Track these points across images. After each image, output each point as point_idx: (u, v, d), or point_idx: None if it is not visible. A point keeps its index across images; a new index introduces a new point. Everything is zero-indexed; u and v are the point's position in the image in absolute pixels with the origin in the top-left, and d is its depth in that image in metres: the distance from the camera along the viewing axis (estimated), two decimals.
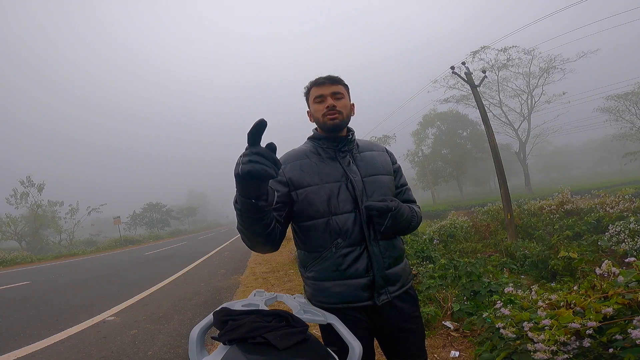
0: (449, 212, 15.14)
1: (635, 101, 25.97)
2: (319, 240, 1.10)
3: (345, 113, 1.15)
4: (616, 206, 7.82)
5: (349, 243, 1.09)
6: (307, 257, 1.14)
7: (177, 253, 12.97)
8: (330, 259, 1.09)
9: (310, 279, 1.14)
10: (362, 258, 1.09)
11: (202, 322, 0.78)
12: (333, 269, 1.09)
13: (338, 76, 1.17)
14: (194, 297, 4.77)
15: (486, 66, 24.49)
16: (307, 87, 1.20)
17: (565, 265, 4.61)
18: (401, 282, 1.15)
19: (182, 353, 2.78)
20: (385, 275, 1.10)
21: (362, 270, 1.08)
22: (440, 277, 3.54)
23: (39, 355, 2.99)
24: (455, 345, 2.47)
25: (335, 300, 1.09)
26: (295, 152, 1.20)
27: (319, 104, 1.15)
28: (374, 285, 1.09)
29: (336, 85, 1.15)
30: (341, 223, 1.08)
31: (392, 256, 1.13)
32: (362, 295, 1.09)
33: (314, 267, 1.12)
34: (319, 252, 1.11)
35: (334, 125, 1.13)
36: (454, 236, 8.81)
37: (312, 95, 1.17)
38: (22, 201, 27.54)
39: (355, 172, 1.14)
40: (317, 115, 1.16)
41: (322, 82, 1.15)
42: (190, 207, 64.36)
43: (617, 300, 1.47)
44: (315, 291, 1.13)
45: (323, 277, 1.11)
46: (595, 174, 52.33)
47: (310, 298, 1.15)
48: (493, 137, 8.75)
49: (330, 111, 1.12)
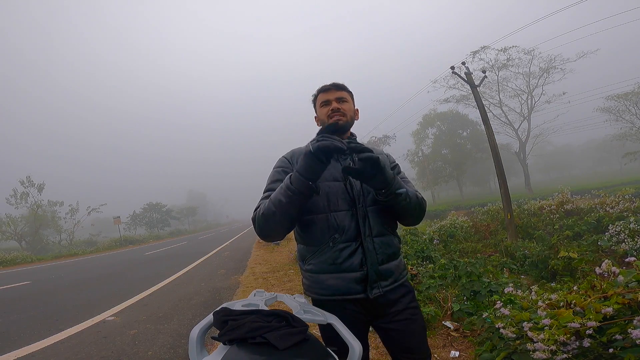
0: (449, 212, 15.17)
1: (635, 101, 25.96)
2: (318, 235, 1.16)
3: (349, 116, 1.23)
4: (616, 206, 7.81)
5: (346, 239, 1.14)
6: (306, 251, 1.20)
7: (177, 253, 12.97)
8: (327, 252, 1.15)
9: (307, 272, 1.20)
10: (357, 253, 1.14)
11: (202, 322, 0.78)
12: (330, 262, 1.14)
13: (343, 83, 1.27)
14: (194, 297, 4.78)
15: (486, 66, 24.51)
16: (314, 94, 1.30)
17: (565, 265, 4.61)
18: (393, 277, 1.19)
19: (182, 353, 2.78)
20: (378, 270, 1.15)
21: (357, 265, 1.13)
22: (440, 277, 3.54)
23: (39, 355, 2.99)
24: (455, 345, 2.47)
25: (330, 292, 1.15)
26: (301, 150, 1.26)
27: (324, 108, 1.25)
28: (367, 279, 1.14)
29: (341, 91, 1.25)
30: (339, 220, 1.14)
31: (386, 253, 1.17)
32: (355, 288, 1.14)
33: (312, 261, 1.18)
34: (317, 246, 1.16)
35: (337, 125, 1.20)
36: (454, 236, 8.81)
37: (318, 101, 1.27)
38: (22, 201, 27.54)
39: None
40: (322, 118, 1.25)
41: (327, 89, 1.26)
42: (190, 207, 64.32)
43: (617, 300, 1.47)
44: (312, 283, 1.19)
45: (320, 270, 1.16)
46: (595, 174, 52.29)
47: (307, 290, 1.22)
48: (493, 137, 8.75)
49: (334, 113, 1.21)
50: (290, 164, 1.23)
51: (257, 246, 11.72)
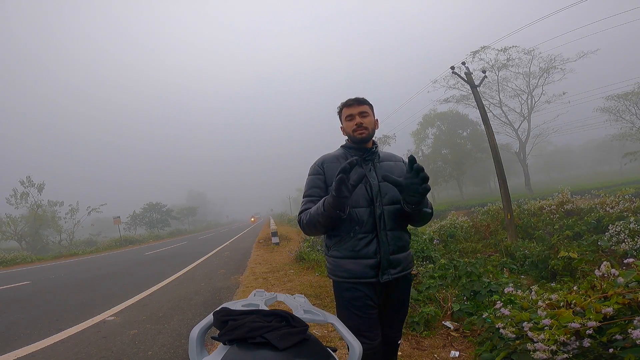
0: (449, 212, 15.16)
1: (635, 101, 25.96)
2: (342, 227, 1.38)
3: (371, 128, 1.46)
4: (616, 206, 7.81)
5: (364, 231, 1.37)
6: (331, 240, 1.44)
7: (177, 253, 12.96)
8: (348, 241, 1.38)
9: (331, 257, 1.44)
10: (372, 243, 1.37)
11: (202, 322, 0.78)
12: (350, 249, 1.38)
13: (364, 98, 1.48)
14: (194, 297, 4.77)
15: (486, 66, 24.48)
16: (339, 108, 1.52)
17: (565, 265, 4.61)
18: (402, 266, 1.41)
19: (182, 353, 2.78)
20: (389, 259, 1.37)
21: (372, 253, 1.36)
22: (440, 277, 3.54)
23: (39, 355, 2.99)
24: (455, 345, 2.47)
25: (349, 275, 1.38)
26: (331, 156, 1.51)
27: (349, 122, 1.46)
28: (380, 266, 1.36)
29: (362, 106, 1.46)
30: (359, 215, 1.37)
31: (397, 245, 1.40)
32: (369, 273, 1.36)
33: (335, 248, 1.42)
34: (341, 236, 1.39)
35: (361, 139, 1.44)
36: (454, 236, 8.81)
37: (343, 115, 1.49)
38: (22, 201, 27.53)
39: (374, 177, 1.42)
40: (348, 131, 1.48)
41: (351, 104, 1.47)
42: (190, 207, 64.29)
43: (617, 300, 1.47)
44: (334, 267, 1.42)
45: (342, 256, 1.40)
46: (595, 174, 52.26)
47: (329, 273, 1.46)
48: (493, 137, 8.75)
49: (359, 128, 1.43)
50: (322, 170, 1.46)
51: (257, 246, 11.71)
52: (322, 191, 1.42)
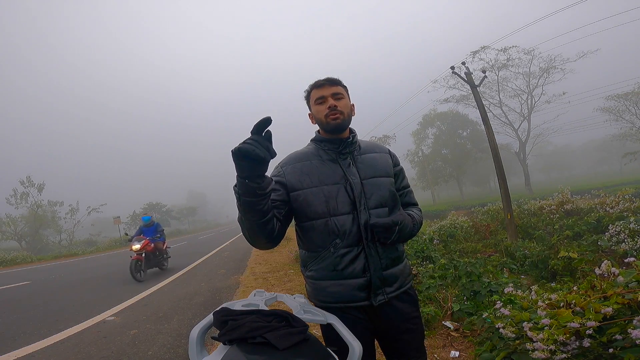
0: (449, 212, 15.14)
1: (635, 101, 25.98)
2: (318, 240, 1.12)
3: (346, 113, 1.15)
4: (616, 206, 7.80)
5: (347, 244, 1.09)
6: (307, 257, 1.17)
7: (177, 253, 12.96)
8: (328, 258, 1.10)
9: (310, 278, 1.17)
10: (359, 259, 1.09)
11: (202, 322, 0.78)
12: (331, 268, 1.10)
13: (337, 77, 1.18)
14: (194, 297, 4.77)
15: (486, 66, 24.48)
16: (307, 90, 1.21)
17: (565, 265, 4.61)
18: (399, 283, 1.15)
19: (182, 353, 2.78)
20: (382, 276, 1.11)
21: (359, 271, 1.09)
22: (440, 277, 3.54)
23: (39, 355, 2.99)
24: (455, 345, 2.47)
25: (333, 299, 1.11)
26: (297, 154, 1.21)
27: (320, 105, 1.16)
28: (371, 286, 1.10)
29: (336, 87, 1.16)
30: (340, 224, 1.10)
31: (390, 257, 1.13)
32: (359, 296, 1.10)
33: (313, 267, 1.14)
34: (318, 252, 1.12)
35: (336, 125, 1.13)
36: (454, 236, 8.80)
37: (312, 98, 1.18)
38: (22, 201, 27.57)
39: (355, 175, 1.14)
40: (319, 117, 1.16)
41: (321, 84, 1.16)
42: (190, 207, 64.34)
43: (617, 300, 1.47)
44: (314, 290, 1.15)
45: (321, 277, 1.12)
46: (595, 174, 52.30)
47: (310, 297, 1.18)
48: (493, 137, 8.74)
49: (332, 112, 1.13)
50: (282, 171, 1.16)
51: None
52: (283, 195, 1.12)
